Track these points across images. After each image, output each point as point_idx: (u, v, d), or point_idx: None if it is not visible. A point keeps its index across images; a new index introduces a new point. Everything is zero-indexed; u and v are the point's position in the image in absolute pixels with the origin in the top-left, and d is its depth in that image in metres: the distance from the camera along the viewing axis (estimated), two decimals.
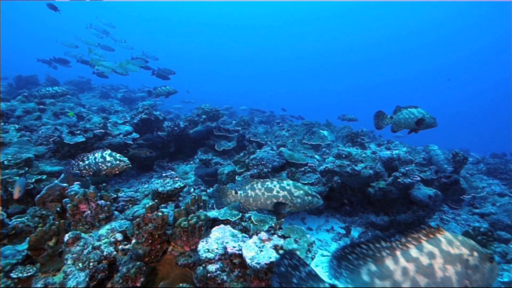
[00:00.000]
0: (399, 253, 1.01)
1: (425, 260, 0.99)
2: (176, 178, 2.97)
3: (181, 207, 2.65)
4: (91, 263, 1.77)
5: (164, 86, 6.28)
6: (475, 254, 1.05)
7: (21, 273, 1.76)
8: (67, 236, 1.86)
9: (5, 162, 3.07)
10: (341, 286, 1.00)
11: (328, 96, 57.87)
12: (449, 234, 1.08)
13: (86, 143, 4.21)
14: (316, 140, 5.80)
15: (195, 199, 2.29)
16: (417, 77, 57.23)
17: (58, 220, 2.08)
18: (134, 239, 1.96)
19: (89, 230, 2.08)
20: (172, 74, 7.18)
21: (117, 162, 2.48)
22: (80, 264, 1.77)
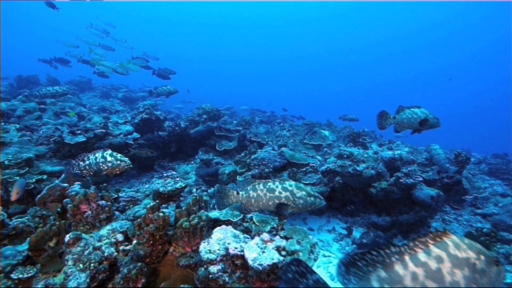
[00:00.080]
0: (407, 258, 1.00)
1: (433, 265, 0.98)
2: (177, 178, 2.95)
3: (182, 207, 2.64)
4: (92, 264, 1.75)
5: (165, 86, 6.26)
6: (482, 257, 1.04)
7: (21, 273, 1.75)
8: (68, 236, 1.84)
9: (5, 162, 3.06)
10: None
11: (329, 96, 57.89)
12: (455, 237, 1.07)
13: (86, 143, 4.20)
14: (317, 140, 5.78)
15: (196, 199, 2.27)
16: (417, 77, 57.17)
17: (59, 221, 2.06)
18: (135, 240, 1.94)
19: (89, 230, 2.07)
20: (173, 74, 7.17)
21: (118, 162, 2.47)
22: (80, 265, 1.76)
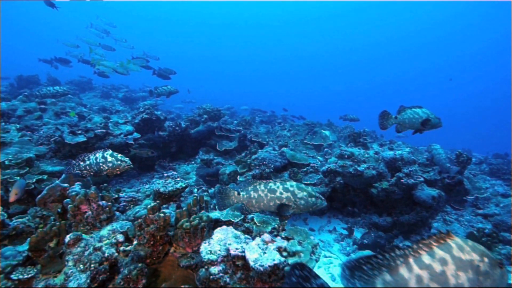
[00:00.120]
0: (412, 260, 1.01)
1: (438, 267, 0.98)
2: (178, 179, 2.95)
3: (182, 207, 2.63)
4: (92, 265, 1.75)
5: (165, 86, 6.26)
6: (486, 259, 1.04)
7: (21, 274, 1.74)
8: (68, 237, 1.84)
9: (6, 162, 3.05)
10: None
11: (329, 96, 57.88)
12: (459, 239, 1.08)
13: (87, 143, 4.19)
14: (318, 140, 5.77)
15: (197, 199, 2.26)
16: (417, 77, 57.12)
17: (59, 221, 2.06)
18: (135, 240, 1.93)
19: (90, 231, 2.06)
20: (173, 74, 7.17)
21: (118, 162, 2.46)
22: (81, 265, 1.75)
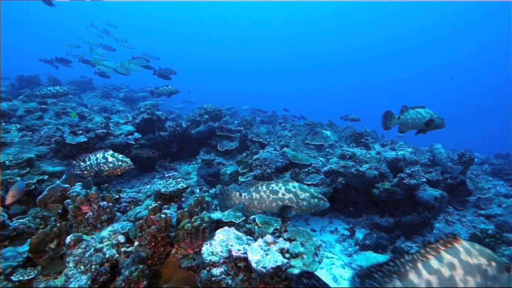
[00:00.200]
0: (420, 265, 1.01)
1: (446, 272, 0.99)
2: (179, 179, 2.93)
3: (184, 208, 2.61)
4: (93, 266, 1.73)
5: (166, 86, 6.25)
6: (493, 264, 1.03)
7: (22, 276, 1.73)
8: (69, 238, 1.82)
9: (6, 163, 3.04)
10: None
11: (330, 96, 57.87)
12: (466, 243, 1.08)
13: (88, 143, 4.18)
14: (319, 140, 5.75)
15: (198, 200, 2.25)
16: (417, 77, 57.06)
17: (60, 222, 2.05)
18: (136, 242, 1.92)
19: (91, 232, 2.05)
20: (173, 74, 7.15)
21: (119, 163, 2.45)
22: (82, 267, 1.74)
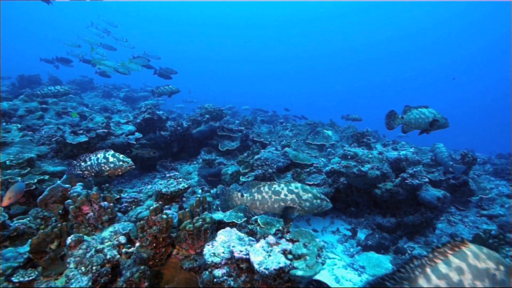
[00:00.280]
0: (429, 270, 1.01)
1: (455, 277, 0.98)
2: (180, 179, 2.92)
3: (185, 208, 2.60)
4: (94, 267, 1.72)
5: (167, 85, 6.23)
6: (501, 268, 1.03)
7: (22, 277, 1.72)
8: (70, 239, 1.81)
9: (7, 162, 3.03)
10: None
11: (331, 96, 57.85)
12: (473, 246, 1.07)
13: (89, 143, 4.17)
14: (320, 140, 5.73)
15: (200, 200, 2.23)
16: (418, 77, 56.97)
17: (61, 222, 2.03)
18: (138, 242, 1.91)
19: (92, 232, 2.04)
20: (174, 74, 7.13)
21: (120, 163, 2.43)
22: (82, 267, 1.73)
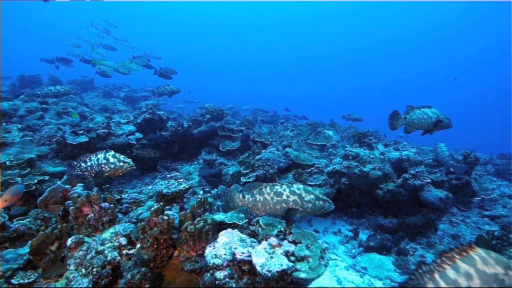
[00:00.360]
0: (437, 276, 1.01)
1: (463, 282, 0.98)
2: (181, 180, 2.90)
3: (186, 209, 2.58)
4: (94, 269, 1.70)
5: (167, 85, 6.22)
6: (510, 273, 1.02)
7: (22, 279, 1.70)
8: (70, 240, 1.79)
9: (7, 163, 3.01)
10: None
11: (331, 96, 57.81)
12: (481, 251, 1.06)
13: (89, 143, 4.15)
14: (321, 140, 5.71)
15: (201, 201, 2.21)
16: (418, 77, 56.92)
17: (61, 223, 2.02)
18: (138, 244, 1.89)
19: (92, 233, 2.02)
20: (174, 74, 7.11)
21: (120, 164, 2.41)
22: (83, 269, 1.71)
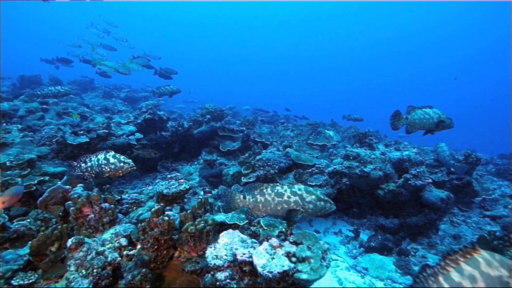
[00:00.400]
0: (441, 279, 1.00)
1: (467, 285, 0.97)
2: (181, 180, 2.89)
3: (186, 210, 2.57)
4: (94, 270, 1.69)
5: (167, 86, 6.21)
6: None
7: (22, 280, 1.69)
8: (70, 241, 1.79)
9: (7, 163, 3.01)
10: None
11: (331, 96, 57.78)
12: (485, 253, 1.05)
13: (89, 144, 4.15)
14: (321, 140, 5.70)
15: (201, 202, 2.20)
16: (418, 77, 56.87)
17: (61, 224, 2.01)
18: (139, 244, 1.88)
19: (92, 234, 2.01)
20: (174, 74, 7.11)
21: (121, 164, 2.40)
22: (83, 270, 1.70)
